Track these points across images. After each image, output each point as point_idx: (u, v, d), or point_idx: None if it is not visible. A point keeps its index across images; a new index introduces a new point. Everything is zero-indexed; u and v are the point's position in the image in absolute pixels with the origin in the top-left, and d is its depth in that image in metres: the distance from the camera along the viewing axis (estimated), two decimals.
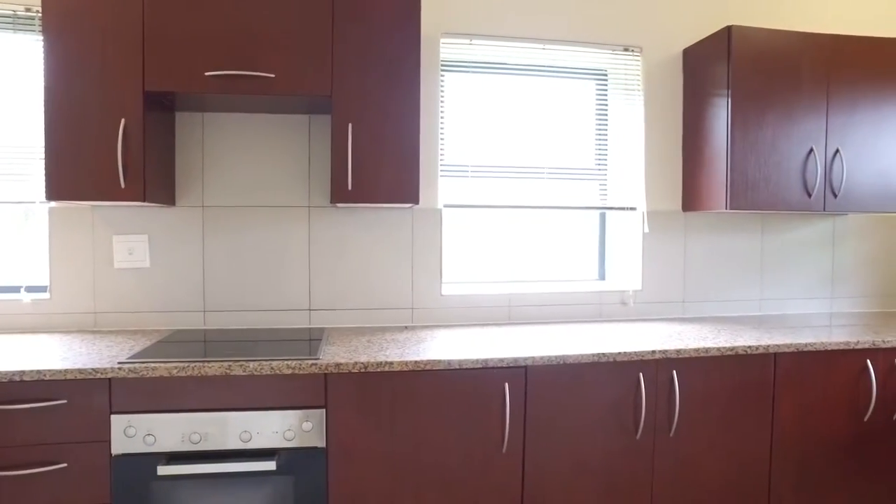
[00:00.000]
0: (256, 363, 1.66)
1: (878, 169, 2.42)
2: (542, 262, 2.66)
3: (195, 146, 2.24)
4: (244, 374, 1.65)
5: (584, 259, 2.71)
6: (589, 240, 2.72)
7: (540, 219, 2.65)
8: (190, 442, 1.65)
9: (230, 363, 1.65)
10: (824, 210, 2.38)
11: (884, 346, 2.09)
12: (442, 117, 2.42)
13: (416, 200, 2.01)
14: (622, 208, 2.56)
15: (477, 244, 2.62)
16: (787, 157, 2.33)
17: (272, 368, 1.66)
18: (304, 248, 2.30)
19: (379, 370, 1.73)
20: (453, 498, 1.80)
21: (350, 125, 1.96)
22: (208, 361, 1.66)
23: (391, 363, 1.73)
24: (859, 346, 2.07)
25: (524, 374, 1.81)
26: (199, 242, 2.25)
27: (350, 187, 1.97)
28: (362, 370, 1.71)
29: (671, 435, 1.94)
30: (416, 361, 1.74)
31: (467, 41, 2.40)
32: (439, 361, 1.76)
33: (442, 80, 2.42)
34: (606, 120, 2.59)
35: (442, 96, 2.42)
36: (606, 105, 2.60)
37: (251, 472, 1.67)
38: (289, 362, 1.68)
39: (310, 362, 1.69)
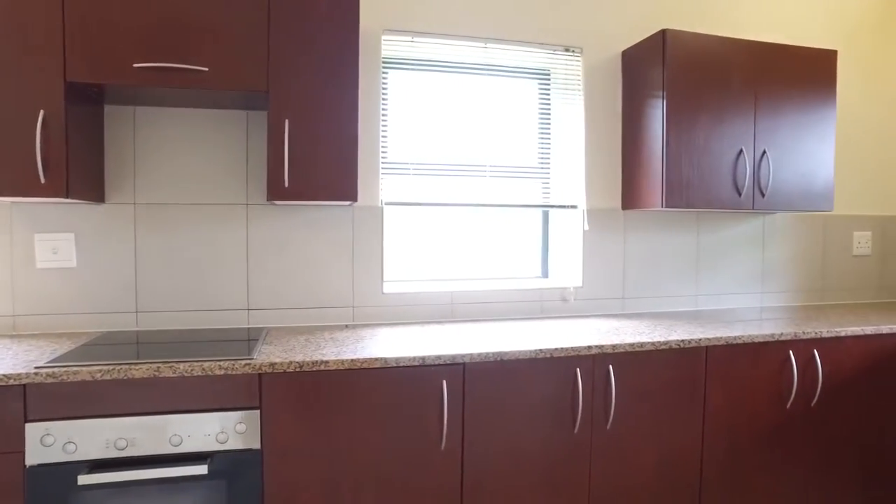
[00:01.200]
0: (187, 364, 1.61)
1: (800, 170, 2.54)
2: (486, 259, 2.68)
3: (126, 141, 2.15)
4: (174, 375, 1.59)
5: (527, 257, 2.74)
6: (533, 237, 2.75)
7: (485, 217, 2.67)
8: (115, 448, 1.58)
9: (159, 365, 1.59)
10: (753, 208, 2.48)
11: (804, 337, 2.20)
12: (384, 115, 2.40)
13: (354, 198, 1.99)
14: (563, 206, 2.61)
15: (421, 242, 2.61)
16: (718, 158, 2.42)
17: (204, 369, 1.61)
18: (243, 246, 2.24)
19: (315, 369, 1.70)
20: (392, 497, 1.79)
21: (287, 121, 1.92)
22: (136, 364, 1.59)
23: (327, 362, 1.71)
24: (782, 338, 2.17)
25: (462, 372, 1.82)
26: (131, 241, 2.16)
27: (287, 184, 1.93)
28: (297, 370, 1.68)
29: (608, 428, 1.98)
30: (352, 360, 1.73)
31: (409, 39, 2.40)
32: (376, 360, 1.74)
33: (385, 78, 2.41)
34: (549, 119, 2.63)
35: (384, 93, 2.40)
36: (549, 104, 2.64)
37: (182, 478, 1.61)
38: (221, 363, 1.63)
39: (243, 362, 1.65)
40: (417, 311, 2.40)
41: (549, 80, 2.63)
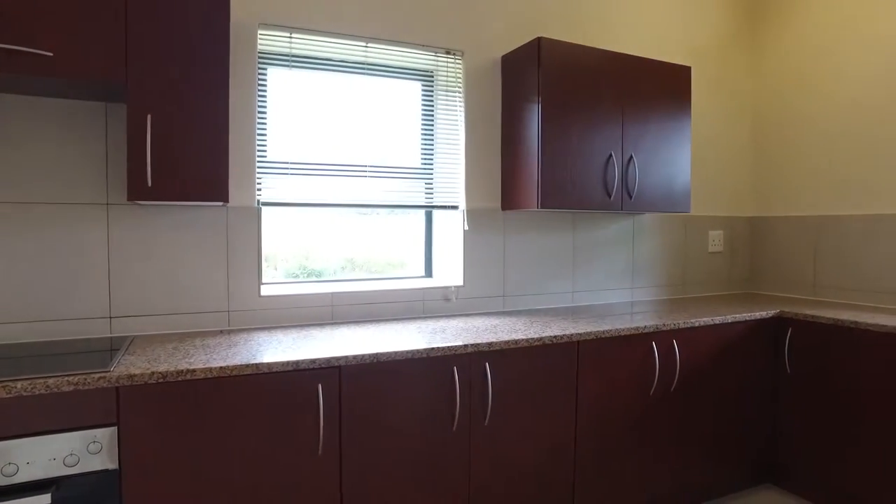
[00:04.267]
0: (26, 382, 1.46)
1: (663, 175, 2.76)
2: (369, 260, 2.67)
3: None
4: (9, 396, 1.44)
5: (412, 257, 2.76)
6: (417, 238, 2.77)
7: (369, 217, 2.65)
8: None
9: None
10: (622, 209, 2.66)
11: (664, 328, 2.39)
12: (262, 112, 2.32)
13: (225, 199, 1.90)
14: (444, 207, 2.65)
15: (302, 243, 2.56)
16: (590, 162, 2.56)
17: (48, 387, 1.47)
18: (103, 249, 2.07)
19: (180, 379, 1.61)
20: None
21: (149, 116, 1.80)
22: None
23: (194, 371, 1.62)
24: (646, 331, 2.34)
25: (338, 375, 1.80)
26: None
27: (150, 184, 1.81)
28: (161, 380, 1.58)
29: (486, 424, 2.04)
30: (221, 368, 1.65)
31: (287, 34, 2.33)
32: (247, 366, 1.68)
33: (262, 74, 2.32)
34: (432, 120, 2.66)
35: (262, 90, 2.32)
36: (432, 106, 2.66)
37: None
38: (70, 378, 1.50)
39: (97, 376, 1.52)
40: (297, 314, 2.34)
41: (432, 81, 2.66)
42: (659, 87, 2.73)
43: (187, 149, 1.85)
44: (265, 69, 2.34)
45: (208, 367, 1.64)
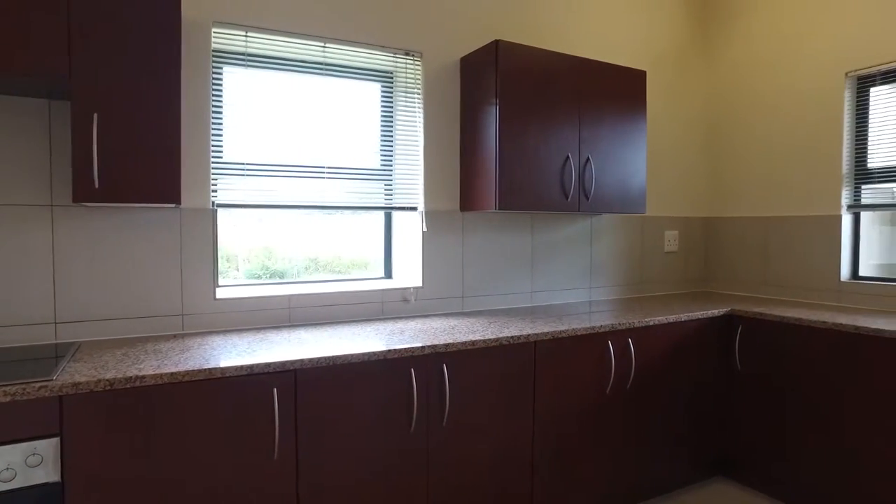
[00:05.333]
0: None
1: (619, 176, 2.81)
2: (334, 259, 2.65)
3: None
4: None
5: (372, 258, 2.75)
6: (376, 239, 2.76)
7: (328, 219, 2.63)
8: None
9: None
10: (579, 210, 2.70)
11: (620, 328, 2.44)
12: (218, 112, 2.27)
13: (177, 200, 1.86)
14: (403, 208, 2.65)
15: (265, 243, 2.52)
16: (547, 163, 2.59)
17: None
18: (47, 252, 2.00)
19: (129, 386, 1.56)
20: None
21: (96, 115, 1.74)
22: None
23: (144, 377, 1.58)
24: (601, 330, 2.38)
25: (293, 378, 1.78)
26: None
27: (97, 185, 1.75)
28: (108, 388, 1.54)
29: (444, 425, 2.05)
30: (172, 373, 1.61)
31: (243, 33, 2.29)
32: (200, 371, 1.65)
33: (218, 73, 2.28)
34: (392, 121, 2.65)
35: (218, 90, 2.27)
36: (392, 107, 2.66)
37: None
38: (7, 388, 1.44)
39: (38, 385, 1.47)
40: (253, 317, 2.30)
41: (391, 82, 2.65)
42: (615, 91, 2.78)
43: (137, 149, 1.80)
44: (220, 68, 2.29)
45: (159, 374, 1.60)
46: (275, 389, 1.75)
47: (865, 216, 2.97)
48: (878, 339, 2.28)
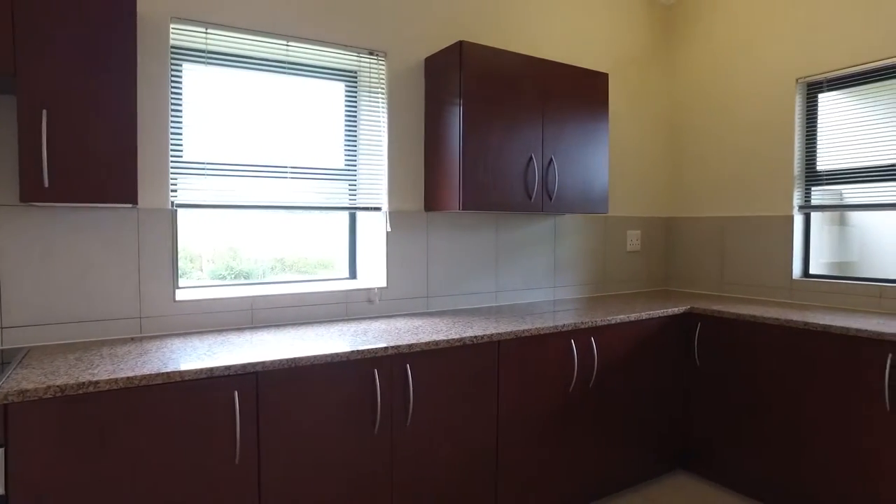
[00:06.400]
0: None
1: (581, 177, 2.85)
2: (301, 260, 2.62)
3: None
4: None
5: (336, 258, 2.73)
6: (340, 239, 2.74)
7: (291, 219, 2.60)
8: None
9: None
10: (542, 210, 2.73)
11: (582, 326, 2.47)
12: (177, 110, 2.22)
13: (133, 200, 1.81)
14: (367, 208, 2.63)
15: (230, 243, 2.48)
16: (511, 164, 2.62)
17: None
18: None
19: (82, 392, 1.52)
20: None
21: (45, 112, 1.68)
22: None
23: (97, 382, 1.53)
24: (564, 329, 2.42)
25: (255, 381, 1.75)
26: None
27: (46, 184, 1.70)
28: (58, 394, 1.49)
29: (408, 425, 2.05)
30: (128, 378, 1.57)
31: (202, 30, 2.24)
32: (157, 375, 1.61)
33: (177, 70, 2.23)
34: (356, 121, 2.64)
35: (177, 88, 2.22)
36: (356, 106, 2.64)
37: None
38: None
39: None
40: (215, 319, 2.26)
41: (356, 81, 2.64)
42: (578, 93, 2.83)
43: (90, 147, 1.75)
44: (180, 65, 2.24)
45: (114, 378, 1.56)
46: (236, 392, 1.72)
47: (815, 217, 3.09)
48: (826, 335, 2.37)
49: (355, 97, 2.64)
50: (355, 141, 2.64)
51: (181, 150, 2.24)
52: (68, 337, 2.02)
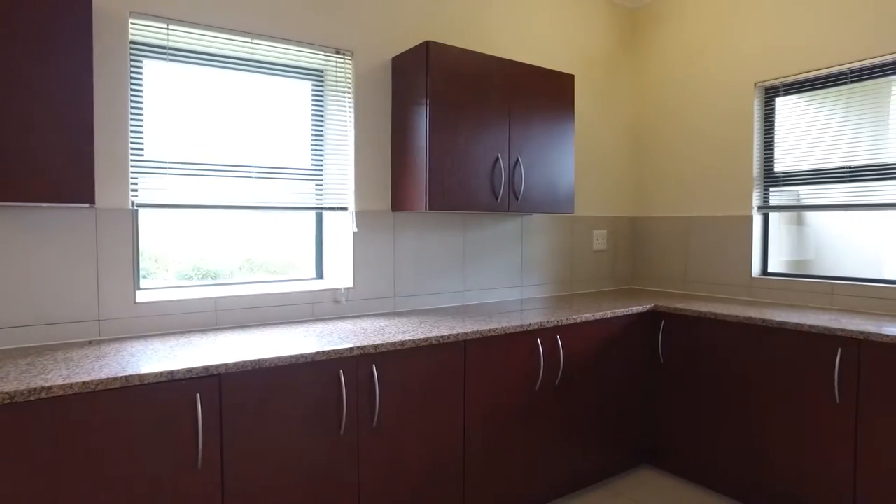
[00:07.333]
0: None
1: (547, 177, 2.88)
2: (270, 260, 2.59)
3: None
4: None
5: (303, 258, 2.71)
6: (307, 239, 2.72)
7: (271, 215, 2.56)
8: None
9: None
10: (509, 210, 2.75)
11: (549, 325, 2.50)
12: (138, 108, 2.17)
13: (90, 200, 1.77)
14: (333, 208, 2.62)
15: (197, 243, 2.43)
16: (477, 164, 2.63)
17: None
18: None
19: (34, 398, 1.47)
20: None
21: None
22: None
23: (51, 388, 1.49)
24: (531, 328, 2.44)
25: (218, 383, 1.73)
26: None
27: None
28: (8, 401, 1.44)
29: (374, 426, 2.04)
30: (84, 382, 1.53)
31: (163, 25, 2.20)
32: (115, 379, 1.57)
33: (137, 67, 2.18)
34: (323, 121, 2.62)
35: (138, 85, 2.17)
36: (322, 106, 2.62)
37: None
38: None
39: None
40: (177, 321, 2.22)
41: (322, 81, 2.62)
42: (544, 94, 2.86)
43: (41, 144, 1.70)
44: (140, 62, 2.19)
45: (68, 383, 1.52)
46: (198, 395, 1.69)
47: (773, 216, 3.18)
48: (782, 331, 2.44)
49: (322, 96, 2.62)
50: (322, 140, 2.62)
51: (142, 149, 2.19)
52: (19, 341, 1.96)
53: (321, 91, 2.61)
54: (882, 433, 2.17)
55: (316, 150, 2.60)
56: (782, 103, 3.07)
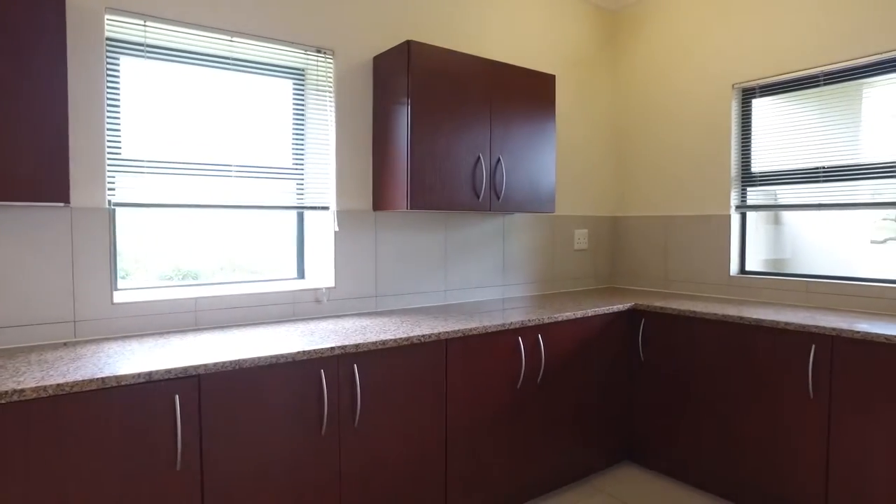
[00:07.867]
0: None
1: (528, 177, 2.90)
2: (252, 260, 2.57)
3: None
4: None
5: (284, 258, 2.69)
6: (288, 238, 2.70)
7: (236, 217, 2.54)
8: None
9: None
10: (490, 209, 2.76)
11: (530, 324, 2.52)
12: (115, 105, 2.14)
13: (64, 199, 1.74)
14: (314, 208, 2.61)
15: (179, 243, 2.40)
16: (459, 164, 2.63)
17: None
18: None
19: (4, 402, 1.44)
20: None
21: None
22: None
23: (23, 391, 1.46)
24: (512, 327, 2.45)
25: (197, 384, 1.71)
26: None
27: None
28: None
29: (356, 426, 2.04)
30: (58, 385, 1.51)
31: (141, 22, 2.17)
32: (91, 381, 1.55)
33: (114, 64, 2.15)
34: (304, 120, 2.60)
35: (115, 82, 2.14)
36: (304, 105, 2.61)
37: None
38: None
39: None
40: (156, 321, 2.19)
41: (303, 79, 2.60)
42: (526, 93, 2.87)
43: (12, 142, 1.67)
44: (117, 59, 2.16)
45: (42, 386, 1.49)
46: (177, 396, 1.68)
47: (751, 216, 3.23)
48: (759, 328, 2.49)
49: (303, 95, 2.60)
50: (303, 139, 2.60)
51: (119, 147, 2.16)
52: None
53: (302, 90, 2.60)
54: (852, 427, 2.22)
55: (297, 149, 2.59)
56: (759, 105, 3.12)
